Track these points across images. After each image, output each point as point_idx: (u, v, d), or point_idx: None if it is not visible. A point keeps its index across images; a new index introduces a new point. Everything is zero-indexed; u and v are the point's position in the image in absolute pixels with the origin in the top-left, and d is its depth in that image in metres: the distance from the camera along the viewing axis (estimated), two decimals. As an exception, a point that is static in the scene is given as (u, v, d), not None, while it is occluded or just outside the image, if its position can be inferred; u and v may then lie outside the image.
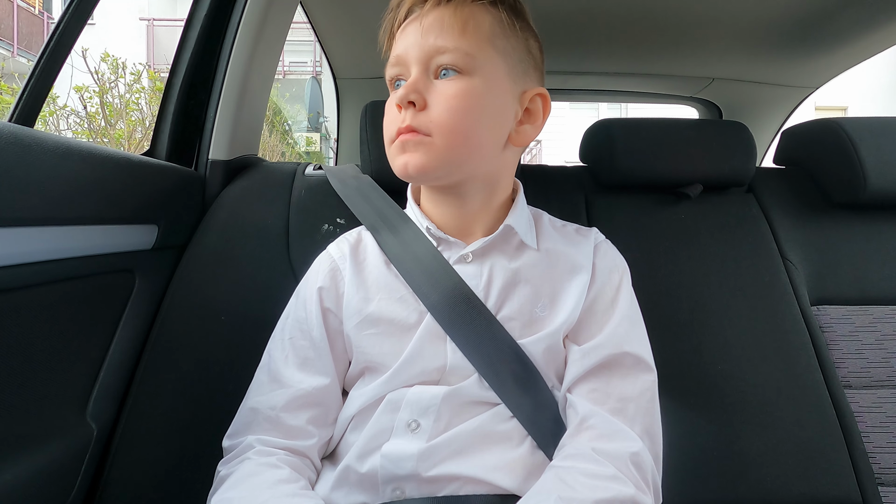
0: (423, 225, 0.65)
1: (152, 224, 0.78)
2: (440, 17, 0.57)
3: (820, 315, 0.88)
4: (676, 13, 1.16)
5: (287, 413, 0.59)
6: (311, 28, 1.31)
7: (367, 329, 0.60)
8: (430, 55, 0.57)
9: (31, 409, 0.61)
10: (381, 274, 0.64)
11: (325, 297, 0.63)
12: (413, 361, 0.58)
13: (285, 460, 0.56)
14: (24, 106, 0.66)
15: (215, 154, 0.92)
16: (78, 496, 0.67)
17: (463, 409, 0.56)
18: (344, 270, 0.64)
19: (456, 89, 0.56)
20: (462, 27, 0.56)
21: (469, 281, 0.60)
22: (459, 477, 0.52)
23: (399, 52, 0.59)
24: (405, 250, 0.63)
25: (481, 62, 0.57)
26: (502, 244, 0.64)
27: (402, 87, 0.57)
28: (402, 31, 0.60)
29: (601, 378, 0.57)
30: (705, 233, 0.93)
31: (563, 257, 0.64)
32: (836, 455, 0.79)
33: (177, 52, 0.92)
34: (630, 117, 1.00)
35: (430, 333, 0.59)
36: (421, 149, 0.56)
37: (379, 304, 0.61)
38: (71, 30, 0.68)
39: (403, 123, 0.56)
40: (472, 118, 0.57)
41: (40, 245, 0.59)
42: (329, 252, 0.67)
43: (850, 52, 1.30)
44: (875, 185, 0.90)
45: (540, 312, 0.61)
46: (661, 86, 1.66)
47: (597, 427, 0.54)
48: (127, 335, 0.75)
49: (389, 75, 0.61)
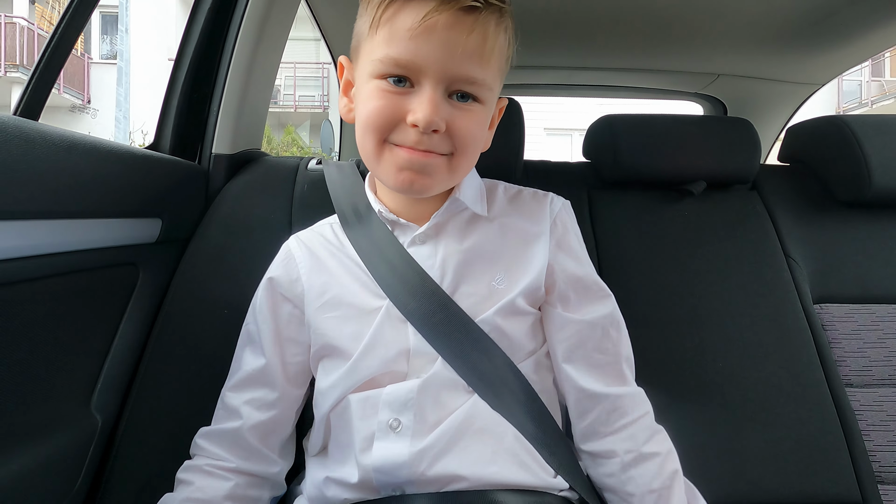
0: (376, 208, 0.66)
1: (156, 218, 0.78)
2: (466, 38, 0.52)
3: (822, 313, 0.88)
4: (682, 9, 1.15)
5: (231, 392, 0.64)
6: (315, 22, 1.31)
7: (327, 312, 0.62)
8: (456, 80, 0.54)
9: (37, 401, 0.61)
10: (344, 260, 0.65)
11: (277, 285, 0.65)
12: (375, 345, 0.58)
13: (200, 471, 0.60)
14: (28, 99, 0.66)
15: (218, 148, 0.92)
16: (83, 486, 0.68)
17: (440, 397, 0.56)
18: (299, 258, 0.65)
19: (475, 119, 0.56)
20: (489, 55, 0.54)
21: (423, 262, 0.61)
22: (454, 475, 0.53)
23: (412, 57, 0.52)
24: (366, 236, 0.64)
25: (494, 91, 0.58)
26: (453, 219, 0.65)
27: (426, 114, 0.52)
28: (419, 32, 0.52)
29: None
30: (708, 230, 0.93)
31: (516, 228, 0.65)
32: (837, 453, 0.79)
33: (180, 47, 0.92)
34: (634, 113, 0.99)
35: (391, 317, 0.60)
36: (434, 171, 0.56)
37: (341, 288, 0.62)
38: (75, 23, 0.68)
39: (420, 145, 0.54)
40: (480, 142, 0.59)
41: (44, 238, 0.59)
42: (288, 242, 0.69)
43: (856, 48, 1.29)
44: (879, 183, 0.90)
45: (497, 285, 0.61)
46: (666, 82, 1.65)
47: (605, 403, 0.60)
48: (130, 328, 0.75)
49: (388, 70, 0.54)
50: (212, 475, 0.60)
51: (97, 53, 11.85)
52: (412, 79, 0.54)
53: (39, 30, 10.05)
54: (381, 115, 0.55)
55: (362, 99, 0.57)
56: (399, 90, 0.54)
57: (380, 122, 0.55)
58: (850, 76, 10.70)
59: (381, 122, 0.55)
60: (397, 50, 0.53)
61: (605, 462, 0.59)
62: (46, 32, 9.33)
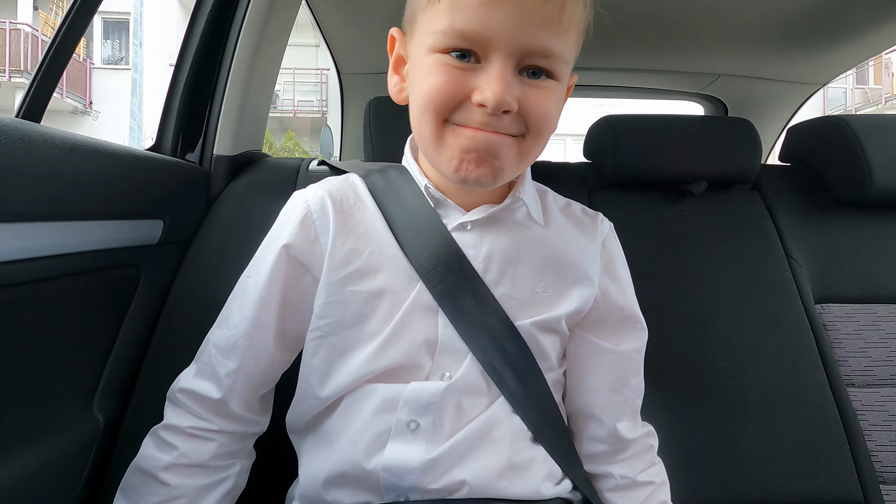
0: (422, 183, 0.59)
1: (158, 219, 0.78)
2: (544, 5, 0.46)
3: (824, 313, 0.88)
4: (683, 9, 1.15)
5: (220, 356, 0.58)
6: (316, 24, 1.31)
7: (350, 285, 0.55)
8: (529, 53, 0.48)
9: (39, 402, 0.61)
10: (374, 225, 0.58)
11: (294, 252, 0.57)
12: (402, 332, 0.54)
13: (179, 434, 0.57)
14: (30, 102, 0.66)
15: (220, 149, 0.93)
16: (84, 488, 0.68)
17: (462, 404, 0.53)
18: (322, 219, 0.57)
19: (552, 97, 0.51)
20: (568, 24, 0.48)
21: (467, 251, 0.56)
22: (465, 483, 0.51)
23: (480, 28, 0.46)
24: (400, 205, 0.58)
25: (570, 66, 0.52)
26: (507, 216, 0.59)
27: (495, 93, 0.46)
28: (490, 2, 0.46)
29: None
30: (709, 230, 0.93)
31: (569, 241, 0.61)
32: (838, 453, 0.79)
33: (181, 48, 0.92)
34: (635, 114, 0.99)
35: (421, 303, 0.55)
36: (502, 153, 0.50)
37: (368, 259, 0.56)
38: (76, 27, 0.68)
39: (487, 126, 0.48)
40: (555, 123, 0.53)
41: (46, 240, 0.59)
42: (305, 197, 0.59)
43: (857, 48, 1.29)
44: (881, 183, 0.90)
45: (542, 293, 0.58)
46: (667, 82, 1.66)
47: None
48: (132, 329, 0.75)
49: (452, 43, 0.48)
50: (195, 437, 0.56)
51: (99, 58, 11.94)
52: (479, 53, 0.48)
53: (43, 36, 10.14)
54: (442, 93, 0.48)
55: (420, 75, 0.51)
56: (464, 66, 0.48)
57: (441, 101, 0.49)
58: (835, 84, 10.93)
59: (443, 101, 0.49)
60: (463, 19, 0.46)
61: (600, 479, 0.61)
62: (50, 39, 9.41)
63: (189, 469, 0.56)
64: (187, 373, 0.61)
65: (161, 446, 0.57)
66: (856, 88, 11.56)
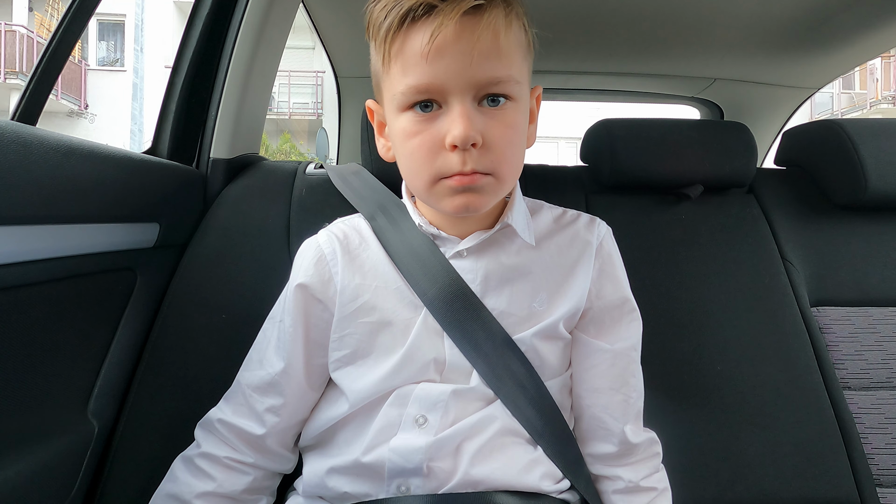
0: (417, 221, 0.64)
1: (154, 222, 0.78)
2: (478, 41, 0.50)
3: (819, 316, 0.89)
4: (678, 13, 1.16)
5: (255, 394, 0.62)
6: (313, 27, 1.31)
7: (361, 317, 0.60)
8: (481, 85, 0.52)
9: (33, 407, 0.61)
10: (378, 262, 0.63)
11: (311, 291, 0.62)
12: (412, 357, 0.58)
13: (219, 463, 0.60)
14: (26, 104, 0.66)
15: (217, 153, 0.92)
16: (79, 493, 0.68)
17: (468, 405, 0.58)
18: (334, 259, 0.63)
19: (510, 120, 0.54)
20: (506, 49, 0.52)
21: (465, 276, 0.60)
22: (465, 473, 0.54)
23: (431, 80, 0.51)
24: (402, 241, 0.63)
25: (523, 83, 0.55)
26: (500, 238, 0.63)
27: (460, 130, 0.50)
28: (431, 53, 0.50)
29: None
30: (706, 234, 0.93)
31: (562, 252, 0.64)
32: (835, 456, 0.80)
33: (178, 51, 0.92)
34: (631, 117, 1.00)
35: (428, 329, 0.59)
36: (484, 189, 0.54)
37: (375, 292, 0.61)
38: (73, 29, 0.68)
39: (466, 167, 0.52)
40: (522, 144, 0.57)
41: (42, 243, 0.59)
42: (317, 241, 0.65)
43: (852, 52, 1.30)
44: (875, 187, 0.90)
45: (538, 307, 0.61)
46: (663, 86, 1.66)
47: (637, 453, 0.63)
48: (128, 333, 0.75)
49: (413, 99, 0.53)
50: (231, 469, 0.60)
51: (94, 60, 11.90)
52: (439, 99, 0.52)
53: (38, 37, 10.11)
54: (422, 151, 0.54)
55: (399, 138, 0.56)
56: (429, 115, 0.53)
57: (424, 158, 0.54)
58: (821, 88, 11.22)
59: (426, 157, 0.54)
60: (416, 77, 0.52)
61: (606, 481, 0.63)
62: (45, 40, 9.41)
63: (221, 499, 0.59)
64: (223, 410, 0.63)
65: (197, 474, 0.60)
66: (842, 93, 11.67)
